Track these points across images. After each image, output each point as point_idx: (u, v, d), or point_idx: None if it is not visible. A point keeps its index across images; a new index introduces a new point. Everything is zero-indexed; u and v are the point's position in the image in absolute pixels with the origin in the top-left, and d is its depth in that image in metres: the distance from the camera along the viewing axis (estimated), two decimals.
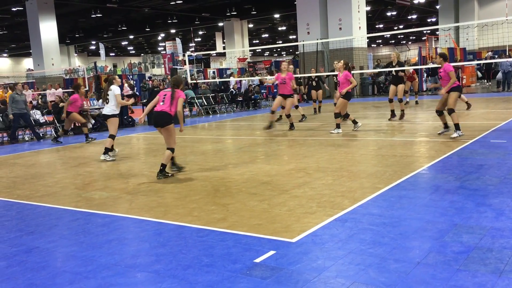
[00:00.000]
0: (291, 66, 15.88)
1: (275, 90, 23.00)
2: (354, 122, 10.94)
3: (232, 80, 23.53)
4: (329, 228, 4.34)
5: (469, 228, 4.11)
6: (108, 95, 9.27)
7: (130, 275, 3.61)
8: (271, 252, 3.84)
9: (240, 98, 21.07)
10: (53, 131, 14.94)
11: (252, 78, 22.88)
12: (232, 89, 21.52)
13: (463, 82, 23.71)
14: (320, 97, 16.59)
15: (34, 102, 21.40)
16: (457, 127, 8.85)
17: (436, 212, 4.63)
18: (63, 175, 7.90)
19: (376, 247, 3.81)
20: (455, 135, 8.80)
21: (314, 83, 16.38)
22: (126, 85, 20.03)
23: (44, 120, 14.92)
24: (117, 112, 9.30)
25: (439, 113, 9.10)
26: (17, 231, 4.94)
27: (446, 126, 9.18)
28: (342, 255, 3.70)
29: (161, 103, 7.05)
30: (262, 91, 22.85)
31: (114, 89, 9.28)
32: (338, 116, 10.78)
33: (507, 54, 23.18)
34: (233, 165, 7.80)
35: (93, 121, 15.69)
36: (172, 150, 7.14)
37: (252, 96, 21.30)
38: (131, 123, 16.49)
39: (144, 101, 18.76)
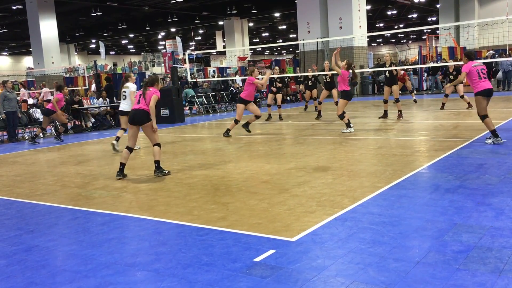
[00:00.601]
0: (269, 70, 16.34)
1: None
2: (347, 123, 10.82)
3: (238, 78, 23.46)
4: (329, 227, 4.34)
5: (468, 227, 4.11)
6: (124, 92, 9.61)
7: (129, 274, 3.61)
8: (271, 251, 3.84)
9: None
10: (52, 129, 14.95)
11: (259, 76, 22.85)
12: (232, 88, 21.51)
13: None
14: (315, 95, 16.71)
15: (34, 101, 21.36)
16: (492, 133, 8.03)
17: (436, 211, 4.63)
18: (63, 174, 7.90)
19: (375, 246, 3.81)
20: (488, 141, 8.05)
21: (310, 83, 16.41)
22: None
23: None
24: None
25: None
26: (17, 230, 4.95)
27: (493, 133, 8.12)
28: (342, 254, 3.70)
29: (137, 103, 7.14)
30: (262, 90, 22.83)
31: (130, 86, 9.57)
32: (342, 117, 10.64)
33: (507, 53, 23.17)
34: (233, 164, 7.79)
35: (93, 120, 15.70)
36: (159, 145, 7.21)
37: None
38: None
39: None
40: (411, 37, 62.30)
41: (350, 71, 10.63)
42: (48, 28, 28.83)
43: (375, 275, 3.30)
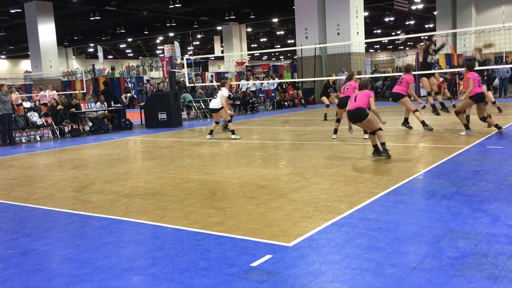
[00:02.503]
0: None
1: (273, 94, 23.04)
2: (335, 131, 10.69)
3: (243, 83, 23.39)
4: (326, 233, 4.35)
5: (464, 234, 4.13)
6: (217, 93, 11.83)
7: (126, 278, 3.61)
8: (268, 256, 3.84)
9: (237, 102, 21.09)
10: (50, 133, 14.93)
11: (273, 81, 22.84)
12: (230, 93, 21.52)
13: (460, 88, 23.74)
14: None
15: (31, 104, 21.34)
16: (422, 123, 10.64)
17: (432, 217, 4.65)
18: (60, 178, 7.90)
19: (372, 252, 3.82)
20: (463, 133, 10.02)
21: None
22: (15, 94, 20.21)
23: (41, 122, 14.91)
24: (221, 106, 11.68)
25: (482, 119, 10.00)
26: (14, 233, 4.94)
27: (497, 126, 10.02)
28: (339, 259, 3.71)
29: (354, 101, 7.98)
30: (260, 95, 22.89)
31: (224, 92, 11.59)
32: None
33: (504, 60, 23.30)
34: (230, 168, 7.80)
35: (90, 124, 15.68)
36: (380, 129, 7.87)
37: (250, 100, 21.33)
38: (128, 126, 16.49)
39: (142, 104, 18.73)
40: (408, 43, 62.55)
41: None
42: (46, 32, 28.85)
43: (371, 281, 3.31)
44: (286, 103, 23.00)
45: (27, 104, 20.94)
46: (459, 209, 4.84)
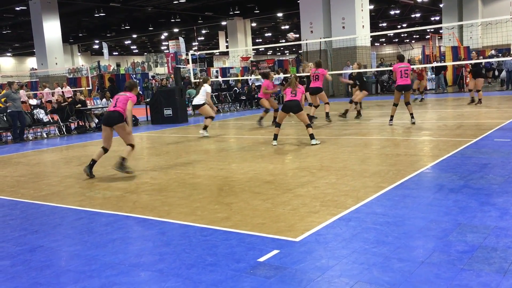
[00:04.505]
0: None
1: (279, 89, 22.96)
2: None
3: (253, 78, 23.28)
4: (333, 227, 4.33)
5: (473, 228, 4.10)
6: (200, 90, 11.94)
7: (133, 274, 3.62)
8: (275, 251, 3.83)
9: (243, 97, 21.08)
10: (56, 130, 14.99)
11: (278, 75, 22.72)
12: (236, 88, 21.52)
13: (467, 80, 23.59)
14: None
15: (38, 101, 21.42)
16: (391, 117, 11.41)
17: (440, 211, 4.62)
18: (67, 174, 7.92)
19: (380, 246, 3.80)
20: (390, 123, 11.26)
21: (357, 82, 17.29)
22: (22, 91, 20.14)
23: (47, 119, 14.97)
24: (204, 101, 11.72)
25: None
26: (21, 230, 4.96)
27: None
28: (346, 254, 3.70)
29: (113, 106, 7.36)
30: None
31: (207, 88, 11.75)
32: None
33: (511, 52, 23.10)
34: (236, 164, 7.80)
35: (96, 120, 15.73)
36: (133, 146, 7.48)
37: (256, 96, 21.30)
38: (134, 122, 16.52)
39: (147, 100, 18.76)
40: (414, 36, 62.19)
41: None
42: (51, 29, 28.90)
43: (379, 275, 3.30)
44: None
45: (33, 101, 21.02)
46: (467, 203, 4.81)
